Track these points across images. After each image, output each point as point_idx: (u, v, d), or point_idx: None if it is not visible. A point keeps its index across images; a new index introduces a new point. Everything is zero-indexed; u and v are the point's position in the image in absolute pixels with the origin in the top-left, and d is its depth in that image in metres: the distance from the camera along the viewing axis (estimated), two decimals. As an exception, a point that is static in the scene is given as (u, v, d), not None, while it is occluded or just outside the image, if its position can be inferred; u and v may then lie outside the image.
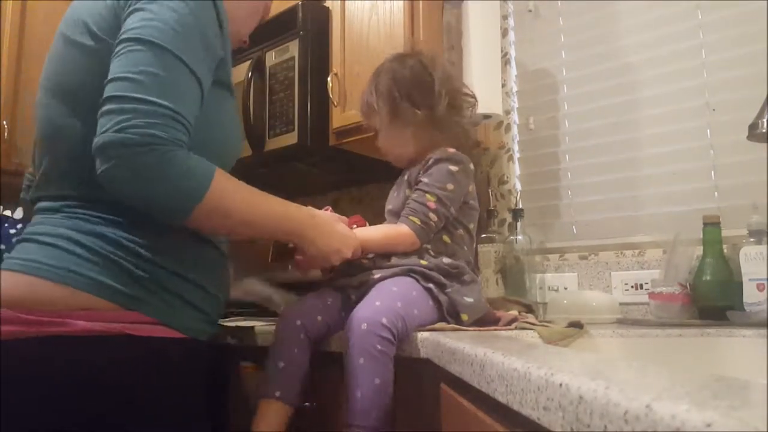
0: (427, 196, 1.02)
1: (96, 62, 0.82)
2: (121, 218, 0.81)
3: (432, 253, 1.03)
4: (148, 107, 0.74)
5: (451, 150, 1.06)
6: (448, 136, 1.10)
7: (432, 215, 1.01)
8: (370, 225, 1.10)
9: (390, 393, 0.84)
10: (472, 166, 1.07)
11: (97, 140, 0.74)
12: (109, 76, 0.77)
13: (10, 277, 0.78)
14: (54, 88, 0.88)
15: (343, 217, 1.03)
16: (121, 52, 0.78)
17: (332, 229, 0.96)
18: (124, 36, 0.79)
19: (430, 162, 1.05)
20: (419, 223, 1.01)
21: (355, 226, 1.04)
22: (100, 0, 0.85)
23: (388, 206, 1.13)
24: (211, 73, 0.86)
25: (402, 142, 1.11)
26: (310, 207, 0.98)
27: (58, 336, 0.75)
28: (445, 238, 1.05)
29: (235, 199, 0.82)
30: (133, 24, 0.79)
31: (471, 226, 1.09)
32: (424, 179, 1.04)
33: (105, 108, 0.75)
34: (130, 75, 0.76)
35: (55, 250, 0.79)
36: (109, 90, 0.76)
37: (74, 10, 0.89)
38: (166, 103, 0.76)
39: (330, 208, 1.05)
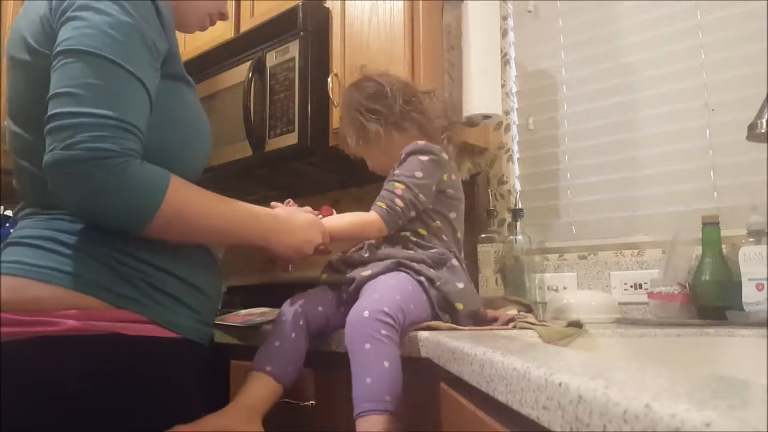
0: (395, 184, 1.05)
1: (38, 76, 0.79)
2: None
3: (414, 239, 1.05)
4: (93, 120, 0.72)
5: (421, 142, 1.09)
6: (418, 131, 1.13)
7: (398, 201, 1.03)
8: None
9: (400, 376, 0.84)
10: (445, 155, 1.09)
11: (46, 159, 0.72)
12: (49, 93, 0.75)
13: None
14: (9, 110, 0.87)
15: (307, 208, 1.04)
16: (57, 66, 0.76)
17: (296, 224, 0.94)
18: (58, 49, 0.76)
19: (402, 156, 1.08)
20: (385, 207, 1.03)
21: (321, 216, 1.05)
22: (35, 14, 0.82)
23: None
24: (156, 71, 0.83)
25: (386, 153, 1.13)
26: (274, 207, 1.00)
27: (45, 336, 0.74)
28: (421, 230, 1.07)
29: (194, 209, 0.81)
30: (65, 35, 0.76)
31: (452, 215, 1.10)
32: (396, 171, 1.07)
33: (48, 126, 0.73)
34: (68, 89, 0.73)
35: (41, 251, 0.78)
36: (51, 107, 0.74)
37: (15, 27, 0.87)
38: (110, 113, 0.73)
39: (291, 201, 1.07)
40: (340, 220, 1.05)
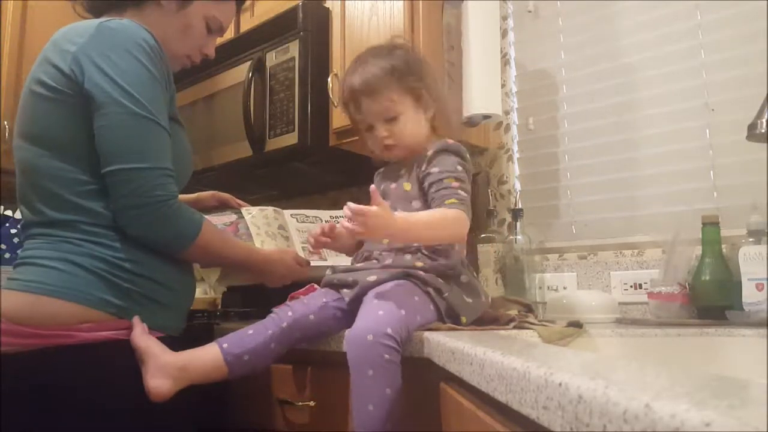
0: (445, 181, 1.01)
1: (60, 109, 0.96)
2: (108, 240, 0.95)
3: (426, 252, 1.01)
4: (155, 173, 0.94)
5: (451, 141, 1.06)
6: (436, 115, 1.11)
7: (461, 192, 1.00)
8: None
9: (400, 401, 0.84)
10: (468, 156, 1.07)
11: (123, 202, 0.93)
12: (110, 146, 0.93)
13: (14, 296, 0.90)
14: (24, 132, 1.01)
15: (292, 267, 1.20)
16: (108, 122, 0.93)
17: (277, 269, 1.18)
18: (104, 100, 0.92)
19: (430, 154, 1.04)
20: (457, 201, 0.98)
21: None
22: (52, 62, 0.97)
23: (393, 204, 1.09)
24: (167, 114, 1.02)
25: (398, 126, 1.07)
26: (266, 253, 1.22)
27: (61, 346, 0.88)
28: None
29: (217, 244, 1.06)
30: (106, 86, 0.93)
31: None
32: (434, 169, 1.02)
33: (121, 176, 0.93)
34: (132, 147, 0.93)
35: (56, 272, 0.92)
36: (117, 161, 0.93)
37: (36, 67, 1.02)
38: (164, 165, 0.96)
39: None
40: (418, 217, 0.96)
